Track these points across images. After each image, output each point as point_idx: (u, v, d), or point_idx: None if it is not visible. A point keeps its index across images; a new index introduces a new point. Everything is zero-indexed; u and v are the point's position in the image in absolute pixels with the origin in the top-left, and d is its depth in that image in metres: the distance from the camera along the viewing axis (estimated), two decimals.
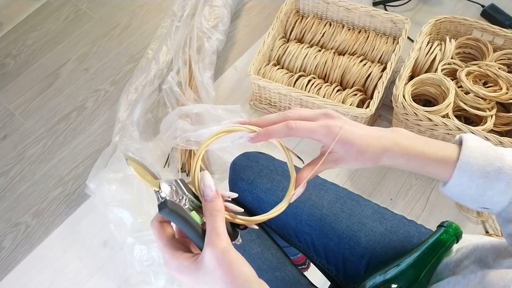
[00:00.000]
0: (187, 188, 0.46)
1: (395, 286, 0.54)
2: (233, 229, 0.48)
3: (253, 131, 0.49)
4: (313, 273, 0.74)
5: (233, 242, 0.47)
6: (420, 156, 0.48)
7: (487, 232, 1.17)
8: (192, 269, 0.42)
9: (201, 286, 0.42)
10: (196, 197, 0.46)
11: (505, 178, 0.46)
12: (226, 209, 0.47)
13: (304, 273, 0.68)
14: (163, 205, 0.42)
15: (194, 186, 0.46)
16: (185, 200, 0.44)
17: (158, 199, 0.43)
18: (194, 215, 0.44)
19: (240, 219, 0.47)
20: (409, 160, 0.49)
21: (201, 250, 0.43)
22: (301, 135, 0.48)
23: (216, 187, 0.45)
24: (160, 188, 0.43)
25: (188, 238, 0.46)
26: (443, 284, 0.52)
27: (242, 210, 0.48)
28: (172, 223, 0.46)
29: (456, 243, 0.58)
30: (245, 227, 0.49)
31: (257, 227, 0.49)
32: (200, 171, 0.46)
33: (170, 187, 0.44)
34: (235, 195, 0.49)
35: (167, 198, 0.42)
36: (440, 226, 0.59)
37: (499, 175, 0.46)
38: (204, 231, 0.43)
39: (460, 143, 0.49)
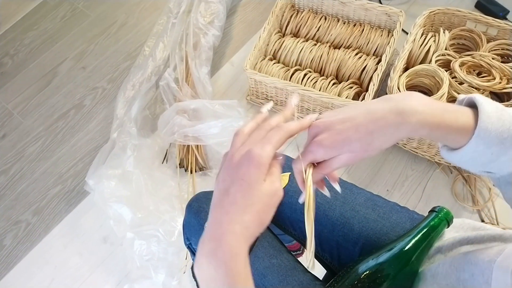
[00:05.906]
0: None
1: (387, 269, 0.55)
2: None
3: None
4: None
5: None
6: (438, 127, 0.45)
7: (482, 221, 1.18)
8: None
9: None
10: None
11: None
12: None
13: (299, 258, 0.69)
14: None
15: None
16: None
17: None
18: None
19: None
20: (427, 132, 0.45)
21: None
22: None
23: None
24: None
25: None
26: (433, 267, 0.53)
27: None
28: None
29: (447, 227, 0.59)
30: None
31: None
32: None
33: None
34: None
35: None
36: (431, 211, 0.60)
37: None
38: None
39: (469, 104, 0.47)
